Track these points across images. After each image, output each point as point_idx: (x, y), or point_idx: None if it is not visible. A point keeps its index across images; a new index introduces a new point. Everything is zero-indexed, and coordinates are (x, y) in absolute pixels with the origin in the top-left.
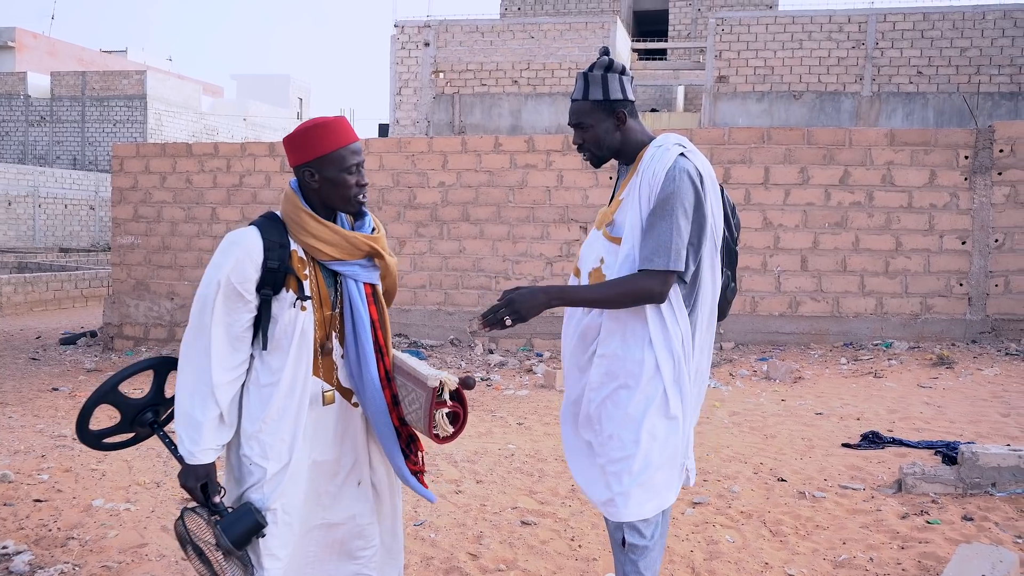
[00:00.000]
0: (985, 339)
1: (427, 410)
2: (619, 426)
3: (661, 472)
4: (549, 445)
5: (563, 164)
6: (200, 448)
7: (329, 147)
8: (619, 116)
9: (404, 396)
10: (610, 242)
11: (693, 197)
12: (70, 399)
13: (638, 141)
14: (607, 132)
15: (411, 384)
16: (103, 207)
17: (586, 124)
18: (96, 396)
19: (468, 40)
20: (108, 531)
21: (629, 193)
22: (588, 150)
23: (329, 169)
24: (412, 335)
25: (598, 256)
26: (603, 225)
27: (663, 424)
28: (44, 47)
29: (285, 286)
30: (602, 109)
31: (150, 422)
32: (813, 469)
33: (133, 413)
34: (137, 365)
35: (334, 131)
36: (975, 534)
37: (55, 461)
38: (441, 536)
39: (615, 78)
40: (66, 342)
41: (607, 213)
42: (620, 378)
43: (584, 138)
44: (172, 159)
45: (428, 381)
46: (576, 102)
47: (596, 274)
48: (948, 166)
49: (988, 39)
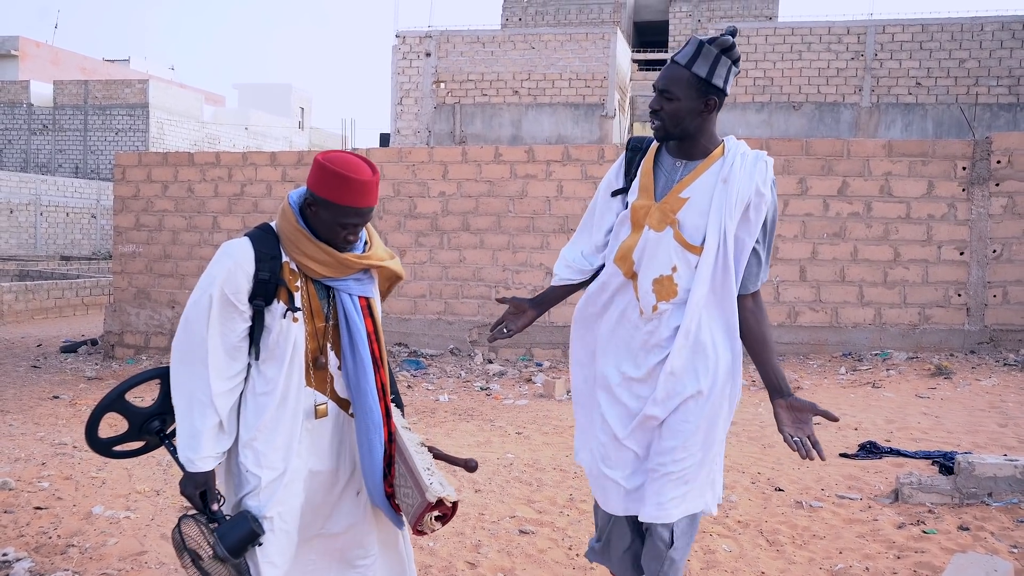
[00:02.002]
0: (983, 349)
1: (418, 511)
2: (689, 436)
3: (718, 471)
4: (548, 454)
5: (563, 174)
6: (199, 456)
7: (342, 200)
8: (709, 103)
9: (400, 484)
10: (685, 249)
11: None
12: (71, 407)
13: (713, 139)
14: (690, 113)
15: (411, 481)
16: (105, 215)
17: (674, 94)
18: (103, 404)
19: (469, 50)
20: (108, 539)
21: (701, 194)
22: (662, 120)
23: (329, 213)
24: (412, 344)
25: (669, 263)
26: (664, 224)
27: (725, 431)
28: (47, 56)
29: (276, 297)
30: (697, 87)
31: (157, 430)
32: (810, 479)
33: (140, 421)
34: (144, 374)
35: (356, 191)
36: (971, 544)
37: (55, 469)
38: (439, 545)
39: (727, 65)
40: (67, 350)
41: (665, 211)
42: (690, 389)
43: (664, 107)
44: (174, 168)
45: (427, 494)
46: (676, 66)
47: (666, 283)
48: (946, 177)
49: (986, 51)
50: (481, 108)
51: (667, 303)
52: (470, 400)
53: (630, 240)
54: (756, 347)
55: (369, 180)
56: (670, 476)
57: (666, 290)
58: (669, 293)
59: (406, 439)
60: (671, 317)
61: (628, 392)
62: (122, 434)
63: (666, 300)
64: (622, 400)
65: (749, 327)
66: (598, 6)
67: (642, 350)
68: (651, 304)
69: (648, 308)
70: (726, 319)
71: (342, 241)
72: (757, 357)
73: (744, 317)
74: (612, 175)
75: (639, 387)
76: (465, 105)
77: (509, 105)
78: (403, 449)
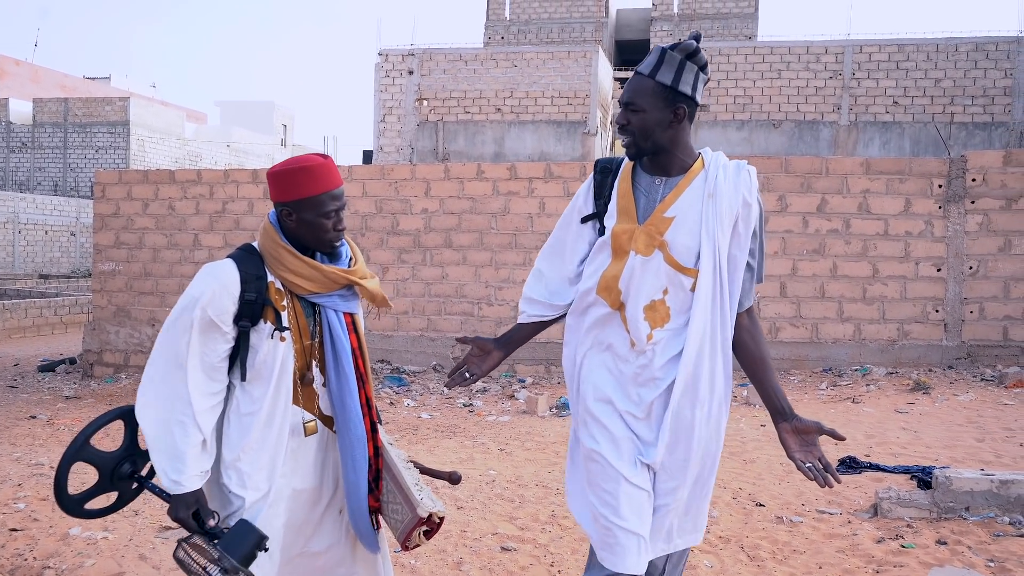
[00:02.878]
0: (961, 365)
1: (408, 527)
2: (690, 474)
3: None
4: (530, 471)
5: (545, 191)
6: (185, 476)
7: (311, 191)
8: (678, 112)
9: (388, 500)
10: (676, 271)
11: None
12: (48, 427)
13: (690, 151)
14: (659, 124)
15: (400, 497)
16: (84, 233)
17: (639, 106)
18: (69, 454)
19: (452, 68)
20: (85, 560)
21: (688, 211)
22: (632, 135)
23: (307, 212)
24: (395, 361)
25: (660, 286)
26: (652, 248)
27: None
28: (26, 74)
29: (263, 317)
30: (663, 96)
31: (129, 473)
32: (791, 494)
33: (111, 467)
34: (105, 417)
35: (317, 176)
36: (948, 558)
37: (32, 490)
38: (421, 563)
39: (693, 71)
40: (44, 369)
41: (651, 233)
42: (690, 426)
43: (631, 120)
44: (155, 185)
45: (418, 509)
46: (640, 77)
47: (659, 307)
48: (923, 194)
49: (961, 70)
50: (464, 125)
51: (661, 330)
52: (452, 417)
53: (613, 268)
54: (754, 368)
55: (324, 162)
56: (675, 511)
57: (659, 316)
58: (663, 319)
59: (393, 455)
60: (666, 346)
61: (626, 427)
62: (93, 486)
63: (660, 327)
64: (623, 437)
65: (746, 347)
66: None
67: (634, 384)
68: (645, 334)
69: (642, 339)
70: (724, 345)
71: (332, 233)
72: (755, 378)
73: (740, 337)
74: (580, 201)
75: (637, 425)
76: (448, 122)
77: (492, 122)
78: (390, 465)
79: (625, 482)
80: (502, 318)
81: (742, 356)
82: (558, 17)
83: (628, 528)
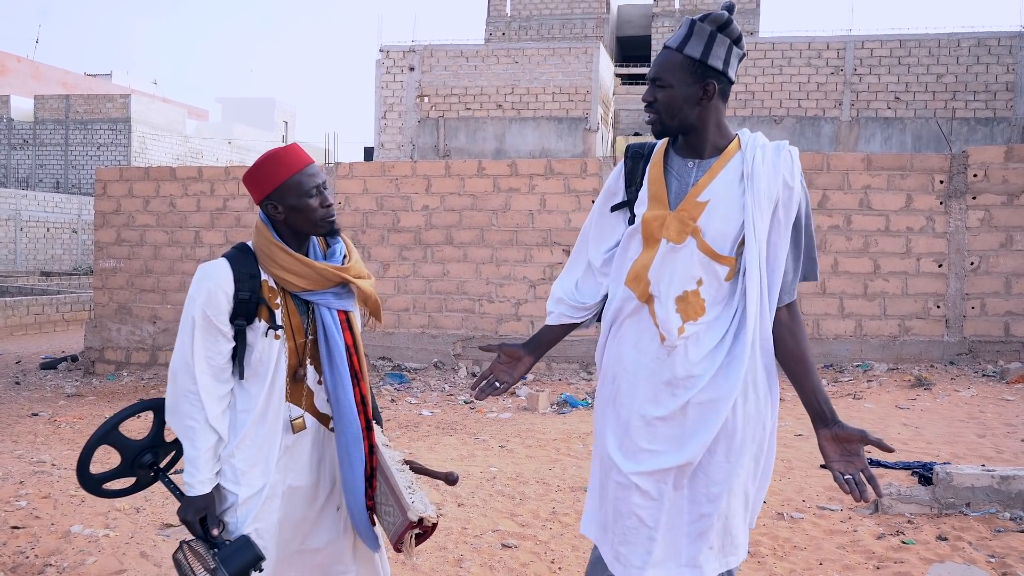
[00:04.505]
0: (962, 360)
1: (399, 530)
2: (759, 475)
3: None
4: (531, 468)
5: (546, 188)
6: (198, 479)
7: (284, 175)
8: (708, 89)
9: (381, 502)
10: (711, 259)
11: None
12: (50, 424)
13: (725, 132)
14: (687, 101)
15: (392, 499)
16: (86, 230)
17: (666, 81)
18: (97, 435)
19: (453, 65)
20: (87, 557)
21: (723, 195)
22: (657, 112)
23: (290, 197)
24: (396, 358)
25: (693, 276)
26: (685, 235)
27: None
28: (28, 70)
29: (258, 316)
30: (692, 71)
31: (149, 463)
32: (792, 490)
33: (133, 455)
34: (136, 406)
35: (286, 159)
36: (949, 554)
37: (33, 487)
38: (422, 560)
39: (724, 43)
40: (47, 367)
41: (683, 219)
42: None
43: (658, 97)
44: (156, 183)
45: (408, 513)
46: (667, 51)
47: (691, 299)
48: (924, 190)
49: (963, 66)
50: (465, 122)
51: (694, 323)
52: (454, 414)
53: (644, 257)
54: (794, 367)
55: (289, 146)
56: (717, 527)
57: (692, 308)
58: (696, 311)
59: (387, 456)
60: (700, 340)
61: (650, 437)
62: (114, 469)
63: (693, 320)
64: (645, 449)
65: (785, 344)
66: (581, 21)
67: (665, 388)
68: (676, 327)
69: (672, 332)
70: (764, 339)
71: (322, 210)
72: (795, 379)
73: (779, 333)
74: (611, 187)
75: (664, 427)
76: (449, 119)
77: (493, 119)
78: (384, 467)
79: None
80: (503, 315)
81: (781, 354)
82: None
83: (649, 544)
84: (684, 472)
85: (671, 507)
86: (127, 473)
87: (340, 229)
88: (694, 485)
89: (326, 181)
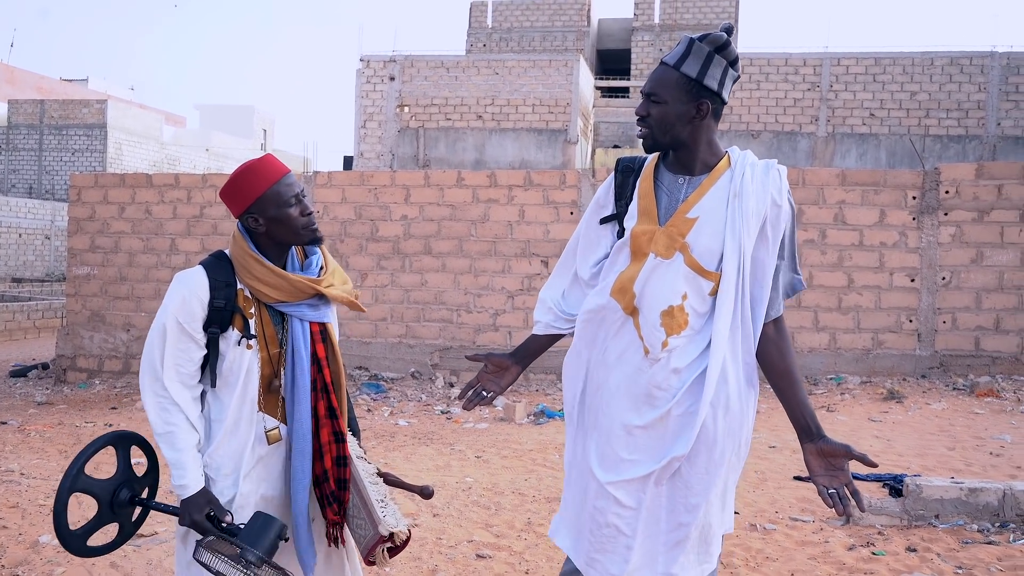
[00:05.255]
0: (934, 374)
1: (370, 543)
2: (731, 484)
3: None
4: (507, 478)
5: (525, 199)
6: (189, 477)
7: (262, 187)
8: (701, 108)
9: (353, 515)
10: (697, 274)
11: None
12: (19, 433)
13: (716, 150)
14: (680, 118)
15: (364, 512)
16: (59, 237)
17: (661, 97)
18: (65, 486)
19: (433, 75)
20: (55, 568)
21: (711, 212)
22: (649, 127)
23: (270, 209)
24: (373, 367)
25: (678, 290)
26: (673, 250)
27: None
28: (2, 75)
29: (231, 324)
30: (687, 90)
31: (129, 499)
32: (765, 502)
33: (109, 495)
34: (95, 444)
35: (263, 170)
36: (918, 565)
37: (1, 496)
38: (396, 570)
39: (721, 65)
40: (16, 374)
41: (672, 235)
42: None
43: (651, 112)
44: (131, 189)
45: (379, 527)
46: (664, 67)
47: (676, 313)
48: (897, 206)
49: (936, 84)
50: (445, 132)
51: (678, 337)
52: (430, 424)
53: (630, 270)
54: (780, 382)
55: (264, 158)
56: (694, 536)
57: (676, 322)
58: (680, 325)
59: (360, 469)
60: (682, 352)
61: (630, 447)
62: (94, 518)
63: (676, 334)
64: (625, 459)
65: (771, 359)
66: (562, 34)
67: (645, 399)
68: (660, 340)
69: (656, 346)
70: (745, 352)
71: (303, 219)
72: (781, 393)
73: (766, 348)
74: (600, 200)
75: (644, 436)
76: (429, 129)
77: (473, 130)
78: (357, 479)
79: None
80: (480, 325)
81: (767, 369)
82: (540, 26)
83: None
84: (667, 471)
85: (648, 516)
86: (108, 517)
87: (323, 237)
88: (673, 494)
89: (304, 190)
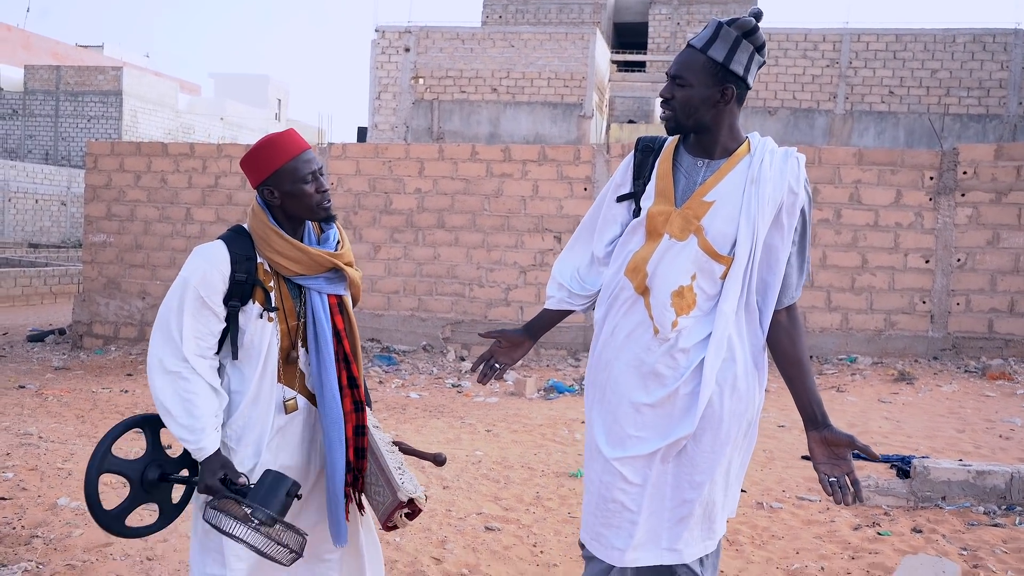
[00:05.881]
0: (946, 356)
1: (389, 509)
2: (738, 466)
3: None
4: (516, 452)
5: (539, 174)
6: (207, 440)
7: (281, 161)
8: (726, 92)
9: (371, 482)
10: (709, 257)
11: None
12: (37, 397)
13: (737, 135)
14: (704, 102)
15: (382, 480)
16: (75, 203)
17: (686, 80)
18: (93, 468)
19: (449, 47)
20: (73, 530)
21: (728, 197)
22: (673, 109)
23: (286, 183)
24: (385, 340)
25: (688, 271)
26: (688, 232)
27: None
28: (18, 40)
29: (252, 298)
30: (713, 73)
31: (158, 477)
32: (772, 480)
33: (139, 474)
34: (122, 426)
35: (283, 145)
36: (923, 546)
37: (20, 459)
38: (406, 540)
39: (748, 50)
40: (34, 339)
41: (688, 217)
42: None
43: (675, 94)
44: (147, 158)
45: (399, 493)
46: (691, 50)
47: (686, 293)
48: (914, 186)
49: (958, 62)
50: (459, 105)
51: (687, 316)
52: (441, 397)
53: (644, 250)
54: (790, 370)
55: (285, 132)
56: (699, 513)
57: (686, 302)
58: (689, 305)
59: (377, 438)
60: (689, 334)
61: (637, 424)
62: (127, 498)
63: (686, 313)
64: (632, 436)
65: (782, 347)
66: (578, 6)
67: (654, 377)
68: (670, 320)
69: (666, 325)
70: (753, 336)
71: (318, 196)
72: (791, 381)
73: (776, 336)
74: (619, 178)
75: (652, 414)
76: (443, 101)
77: (487, 103)
78: (374, 447)
79: (633, 490)
80: (492, 299)
81: (777, 356)
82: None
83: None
84: (673, 448)
85: (654, 492)
86: (142, 497)
87: (335, 216)
88: (679, 471)
89: (322, 167)
